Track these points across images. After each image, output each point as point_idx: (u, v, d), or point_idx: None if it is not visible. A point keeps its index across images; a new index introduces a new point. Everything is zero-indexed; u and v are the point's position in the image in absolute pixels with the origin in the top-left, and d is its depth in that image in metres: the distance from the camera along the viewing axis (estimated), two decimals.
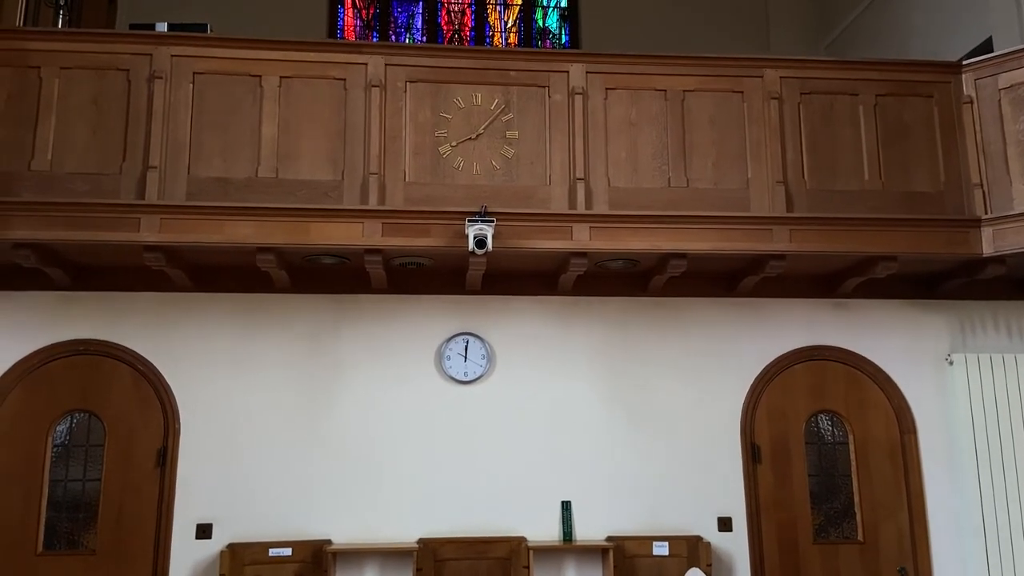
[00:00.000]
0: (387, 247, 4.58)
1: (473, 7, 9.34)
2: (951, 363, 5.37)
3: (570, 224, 4.67)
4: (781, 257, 4.80)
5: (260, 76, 4.69)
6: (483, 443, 5.11)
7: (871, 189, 4.92)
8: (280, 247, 4.55)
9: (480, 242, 4.40)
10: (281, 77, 4.70)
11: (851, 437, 5.35)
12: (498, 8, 9.39)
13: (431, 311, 5.23)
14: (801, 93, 4.97)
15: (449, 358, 5.16)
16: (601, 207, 4.74)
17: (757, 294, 5.37)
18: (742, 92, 4.94)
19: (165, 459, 4.96)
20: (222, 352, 5.07)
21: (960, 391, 5.31)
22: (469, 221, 4.42)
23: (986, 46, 6.03)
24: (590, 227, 4.67)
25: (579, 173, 4.74)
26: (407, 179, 4.69)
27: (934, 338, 5.48)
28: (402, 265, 4.95)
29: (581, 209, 4.69)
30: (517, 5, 9.34)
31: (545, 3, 9.33)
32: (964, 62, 5.06)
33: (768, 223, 4.76)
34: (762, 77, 4.96)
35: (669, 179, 4.83)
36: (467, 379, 5.15)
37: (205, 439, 4.97)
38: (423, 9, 9.36)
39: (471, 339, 5.19)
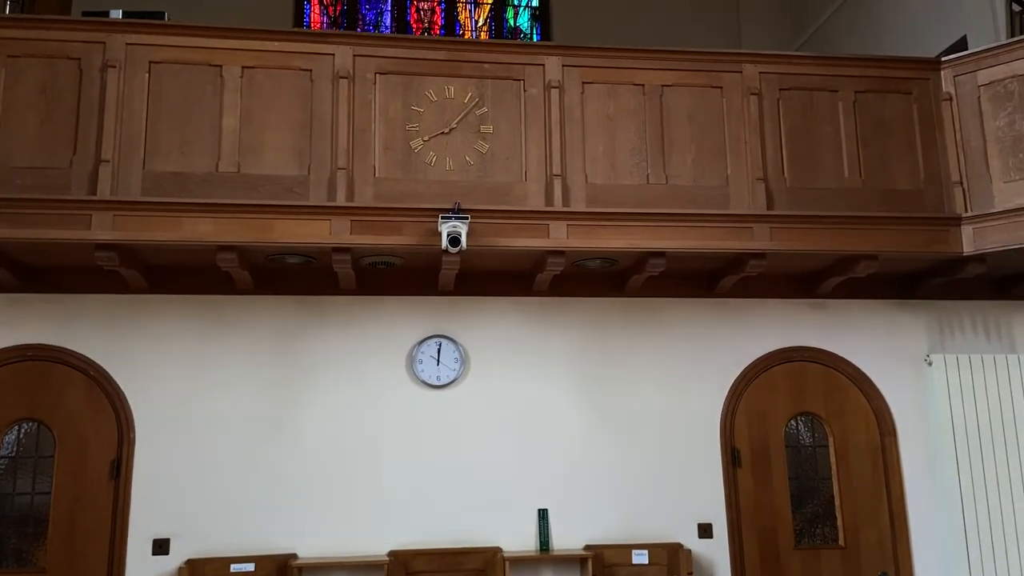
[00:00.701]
0: (356, 245, 4.37)
1: (443, 5, 9.16)
2: (930, 364, 5.31)
3: (547, 222, 4.50)
4: (761, 256, 4.69)
5: (221, 66, 4.47)
6: (457, 450, 4.92)
7: (851, 187, 4.83)
8: (242, 245, 4.33)
9: (454, 240, 4.21)
10: (243, 67, 4.48)
11: (831, 440, 5.26)
12: (468, 7, 9.23)
13: (402, 313, 5.03)
14: (780, 89, 4.87)
15: (421, 361, 4.97)
16: (579, 204, 4.59)
17: (736, 294, 5.26)
18: (721, 87, 4.83)
19: (119, 470, 4.69)
20: (180, 357, 4.82)
21: (939, 392, 5.25)
22: (442, 218, 4.24)
23: (960, 45, 6.00)
24: (567, 225, 4.52)
25: (556, 169, 4.59)
26: (377, 174, 4.50)
27: (913, 338, 5.41)
28: (372, 265, 4.75)
29: (558, 206, 4.53)
30: (488, 4, 9.18)
31: (516, 2, 9.19)
32: (943, 59, 5.00)
33: (748, 221, 4.65)
34: (741, 72, 4.85)
35: (648, 176, 4.70)
36: (440, 383, 4.96)
37: (162, 449, 4.71)
38: (392, 7, 9.16)
39: (444, 341, 5.00)
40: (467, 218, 4.25)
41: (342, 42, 4.58)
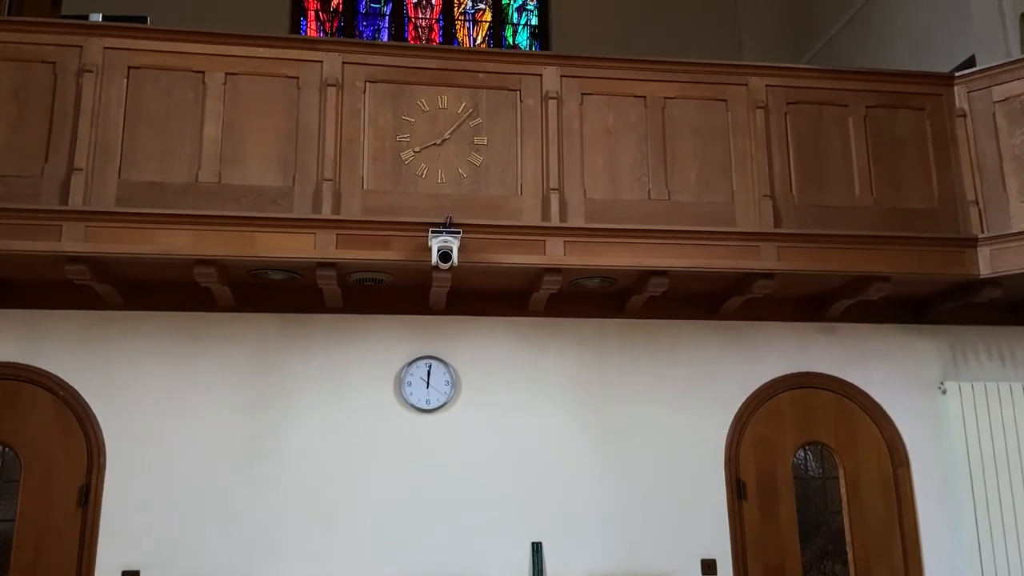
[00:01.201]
0: (342, 260, 4.14)
1: (441, 23, 9.03)
2: (944, 392, 5.06)
3: (543, 238, 4.28)
4: (769, 276, 4.46)
5: (203, 72, 4.27)
6: (447, 478, 4.65)
7: (862, 205, 4.62)
8: (222, 259, 4.09)
9: (445, 256, 3.99)
10: (227, 74, 4.28)
11: (841, 471, 5.00)
12: (467, 25, 9.09)
13: (390, 332, 4.78)
14: (788, 103, 4.67)
15: (410, 384, 4.72)
16: (577, 220, 4.37)
17: (740, 317, 5.02)
18: (726, 100, 4.64)
19: (88, 497, 4.42)
20: (155, 378, 4.56)
21: (954, 421, 5.00)
22: (433, 232, 4.02)
23: (969, 65, 5.82)
24: (565, 241, 4.29)
25: (553, 183, 4.38)
26: (365, 186, 4.28)
27: (925, 365, 5.17)
28: (359, 281, 4.52)
29: (555, 222, 4.31)
30: (486, 22, 9.04)
31: (515, 21, 9.05)
32: (956, 74, 4.81)
33: (755, 239, 4.43)
34: (747, 85, 4.66)
35: (649, 191, 4.48)
36: (429, 407, 4.70)
37: (134, 475, 4.44)
38: (389, 24, 9.03)
39: (434, 363, 4.75)
40: (459, 233, 4.03)
41: (331, 49, 4.38)
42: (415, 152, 4.34)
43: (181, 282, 4.39)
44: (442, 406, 4.72)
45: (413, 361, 4.75)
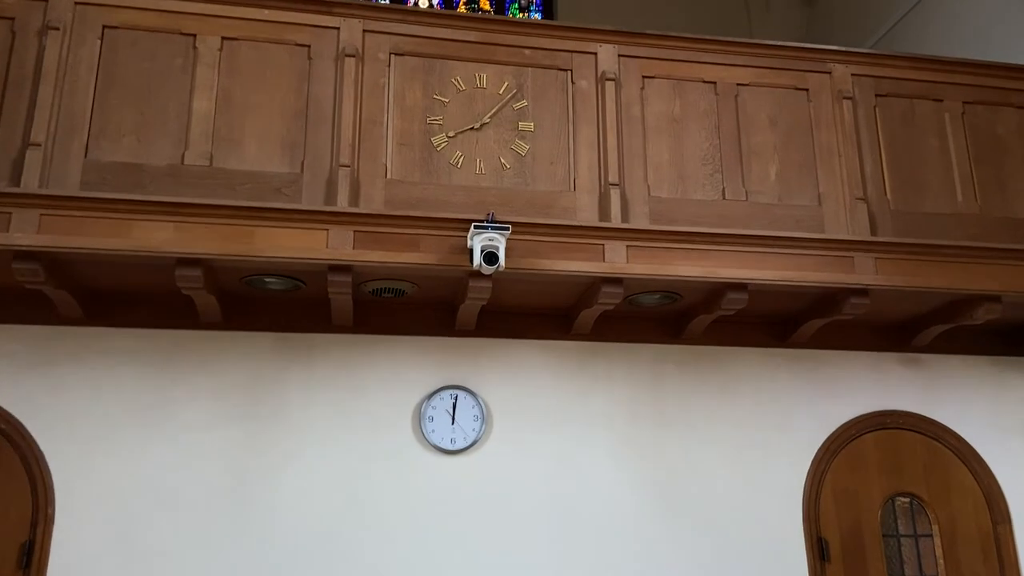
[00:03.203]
0: (360, 264, 3.37)
1: (440, 4, 8.31)
2: None
3: (602, 241, 3.55)
4: (864, 293, 3.76)
5: (195, 35, 3.54)
6: (474, 533, 3.82)
7: (967, 213, 3.98)
8: (211, 259, 3.31)
9: (491, 257, 3.24)
10: (223, 38, 3.56)
11: (936, 527, 4.25)
12: (469, 6, 8.39)
13: (409, 356, 3.99)
14: (876, 95, 4.05)
15: (432, 419, 3.91)
16: (640, 221, 3.66)
17: (815, 345, 4.32)
18: (807, 90, 4.00)
19: (31, 558, 3.52)
20: (121, 410, 3.71)
21: None
22: (476, 227, 3.27)
23: None
24: (627, 246, 3.57)
25: (612, 177, 3.67)
26: (389, 175, 3.55)
27: (1022, 404, 4.48)
28: (375, 292, 3.75)
29: (617, 222, 3.60)
30: None
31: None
32: None
33: (849, 248, 3.74)
34: (830, 73, 4.03)
35: (724, 190, 3.80)
36: (454, 447, 3.90)
37: (90, 529, 3.56)
38: None
39: (461, 394, 3.96)
40: (508, 229, 3.29)
41: (350, 14, 3.68)
42: (449, 137, 3.63)
43: (157, 290, 3.60)
44: (470, 446, 3.92)
45: (436, 391, 3.95)
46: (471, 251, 3.33)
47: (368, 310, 3.91)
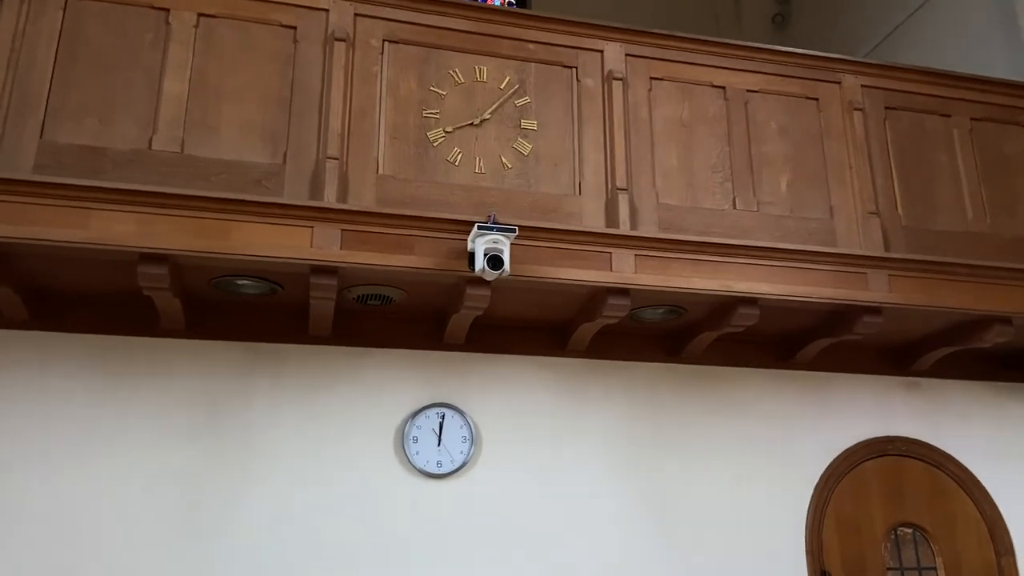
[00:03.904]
0: (348, 265, 3.05)
1: None
2: None
3: (609, 249, 3.30)
4: (877, 311, 3.58)
5: (168, 10, 3.21)
6: (461, 566, 3.49)
7: (977, 231, 3.86)
8: (180, 256, 2.95)
9: (495, 260, 2.95)
10: (200, 15, 3.24)
11: (939, 560, 4.06)
12: None
13: (392, 370, 3.66)
14: (886, 107, 3.91)
15: (416, 440, 3.58)
16: (649, 229, 3.42)
17: (816, 367, 4.13)
18: (817, 99, 3.84)
19: None
20: (65, 424, 3.30)
21: None
22: (480, 228, 2.99)
23: None
24: (635, 255, 3.32)
25: (620, 182, 3.43)
26: (381, 170, 3.25)
27: (1021, 430, 4.36)
28: (360, 300, 3.42)
29: (625, 230, 3.35)
30: None
31: None
32: None
33: (862, 264, 3.56)
34: (840, 84, 3.88)
35: (735, 200, 3.59)
36: (441, 471, 3.57)
37: (27, 554, 3.13)
38: None
39: (448, 412, 3.64)
40: (514, 231, 3.02)
41: None
42: (446, 132, 3.35)
43: (113, 291, 3.23)
44: (458, 470, 3.59)
45: (421, 410, 3.63)
46: (471, 255, 3.05)
47: (348, 319, 3.58)
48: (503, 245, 2.98)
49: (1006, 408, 4.35)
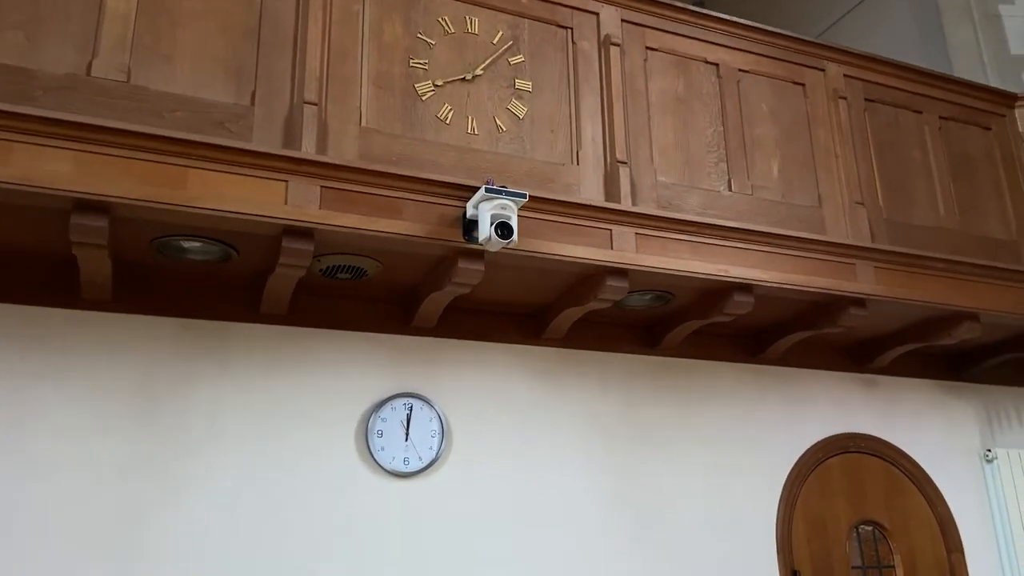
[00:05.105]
0: (328, 228, 2.62)
1: None
2: (990, 460, 4.33)
3: (609, 225, 3.03)
4: (862, 304, 3.50)
5: None
6: (431, 569, 3.11)
7: (947, 227, 3.86)
8: (123, 204, 2.42)
9: (504, 228, 2.61)
10: None
11: (898, 557, 4.05)
12: None
13: (355, 356, 3.23)
14: (865, 99, 3.86)
15: (381, 434, 3.17)
16: (648, 206, 3.18)
17: (784, 362, 4.03)
18: (803, 84, 3.74)
19: None
20: None
21: (1007, 496, 4.26)
22: (488, 191, 2.64)
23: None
24: (636, 233, 3.07)
25: (620, 154, 3.17)
26: (364, 122, 2.83)
27: (964, 427, 4.43)
28: (327, 272, 2.98)
29: (627, 205, 3.09)
30: None
31: None
32: (1020, 94, 4.27)
33: (850, 254, 3.47)
34: (824, 71, 3.80)
35: (730, 181, 3.41)
36: (408, 469, 3.17)
37: None
38: None
39: (417, 403, 3.25)
40: (524, 196, 2.68)
41: None
42: (436, 86, 2.98)
43: (37, 248, 2.64)
44: (427, 467, 3.21)
45: (387, 400, 3.22)
46: (468, 223, 2.70)
47: (306, 297, 3.13)
48: (511, 212, 2.65)
49: (953, 407, 4.41)
